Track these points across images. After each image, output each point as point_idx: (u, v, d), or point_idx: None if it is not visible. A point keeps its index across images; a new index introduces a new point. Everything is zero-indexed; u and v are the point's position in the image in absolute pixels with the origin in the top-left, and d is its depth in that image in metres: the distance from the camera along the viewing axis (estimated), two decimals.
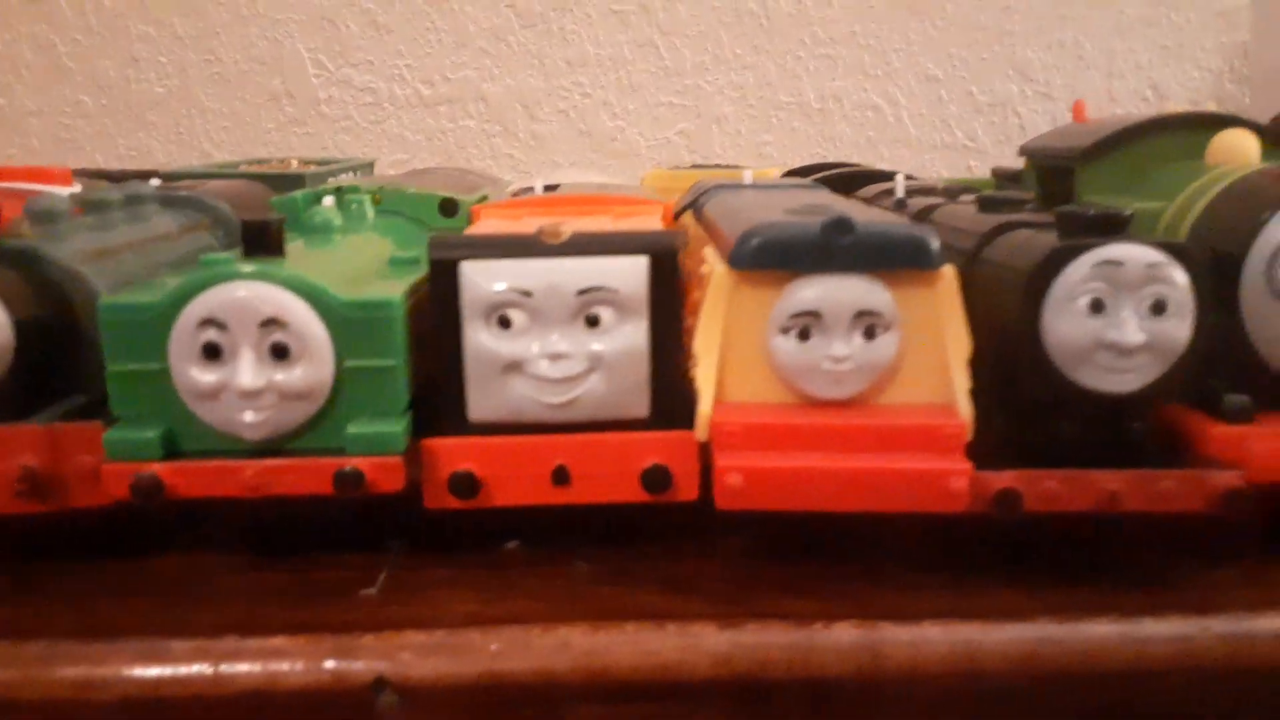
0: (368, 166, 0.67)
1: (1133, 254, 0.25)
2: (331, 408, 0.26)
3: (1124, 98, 1.05)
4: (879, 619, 0.25)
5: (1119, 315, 0.25)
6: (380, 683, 0.23)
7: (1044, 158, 0.40)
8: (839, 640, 0.25)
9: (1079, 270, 0.25)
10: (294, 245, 0.28)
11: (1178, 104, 1.04)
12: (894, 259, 0.26)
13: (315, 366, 0.25)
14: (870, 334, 0.26)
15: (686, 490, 0.27)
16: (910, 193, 0.40)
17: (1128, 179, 0.35)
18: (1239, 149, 0.33)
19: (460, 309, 0.26)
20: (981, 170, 1.04)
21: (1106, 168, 0.36)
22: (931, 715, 0.24)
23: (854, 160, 1.10)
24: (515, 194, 0.42)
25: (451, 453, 0.26)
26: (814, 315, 0.26)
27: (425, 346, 0.27)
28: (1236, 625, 0.25)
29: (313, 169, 0.59)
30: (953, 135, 1.04)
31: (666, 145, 1.04)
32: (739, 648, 0.24)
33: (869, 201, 0.42)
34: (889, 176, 0.53)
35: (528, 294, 0.25)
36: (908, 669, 0.24)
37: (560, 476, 0.26)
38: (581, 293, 0.25)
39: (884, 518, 0.26)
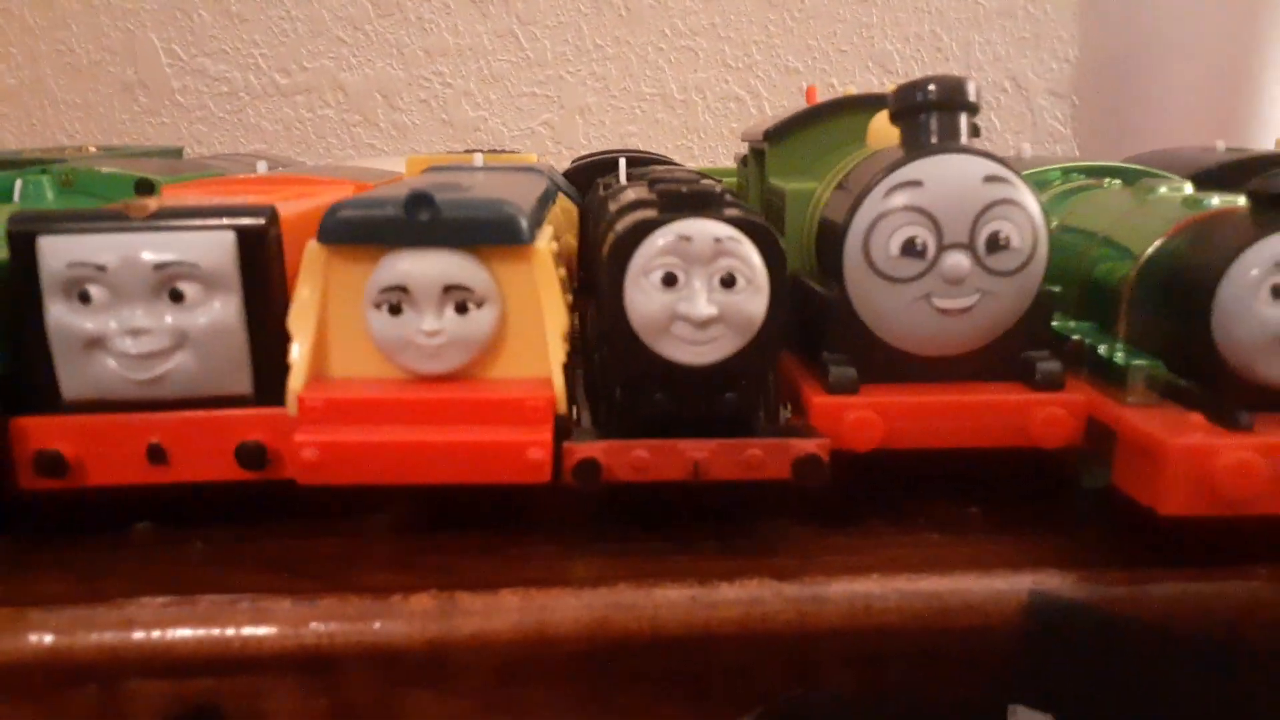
0: (175, 153, 0.66)
1: (702, 229, 0.25)
2: None
3: (984, 89, 1.07)
4: (455, 589, 0.25)
5: (691, 288, 0.26)
6: None
7: (751, 141, 0.41)
8: (414, 609, 0.25)
9: (652, 245, 0.25)
10: None
11: (1032, 94, 1.06)
12: (481, 234, 0.26)
13: None
14: (462, 308, 0.26)
15: (288, 467, 0.27)
16: (632, 177, 0.40)
17: (809, 160, 0.36)
18: (887, 131, 0.34)
19: (40, 284, 0.25)
20: None
21: (790, 149, 0.36)
22: (502, 682, 0.25)
23: (719, 150, 1.11)
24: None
25: (38, 432, 0.26)
26: (403, 290, 0.26)
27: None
28: (805, 589, 0.26)
29: (102, 154, 0.58)
30: None
31: (531, 135, 1.04)
32: (306, 622, 0.24)
33: (607, 186, 0.42)
34: (668, 163, 0.54)
35: (102, 268, 0.25)
36: (479, 637, 0.25)
37: (156, 455, 0.26)
38: (159, 267, 0.25)
39: (505, 492, 0.26)
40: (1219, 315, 0.25)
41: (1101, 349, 0.28)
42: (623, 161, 0.42)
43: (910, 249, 0.27)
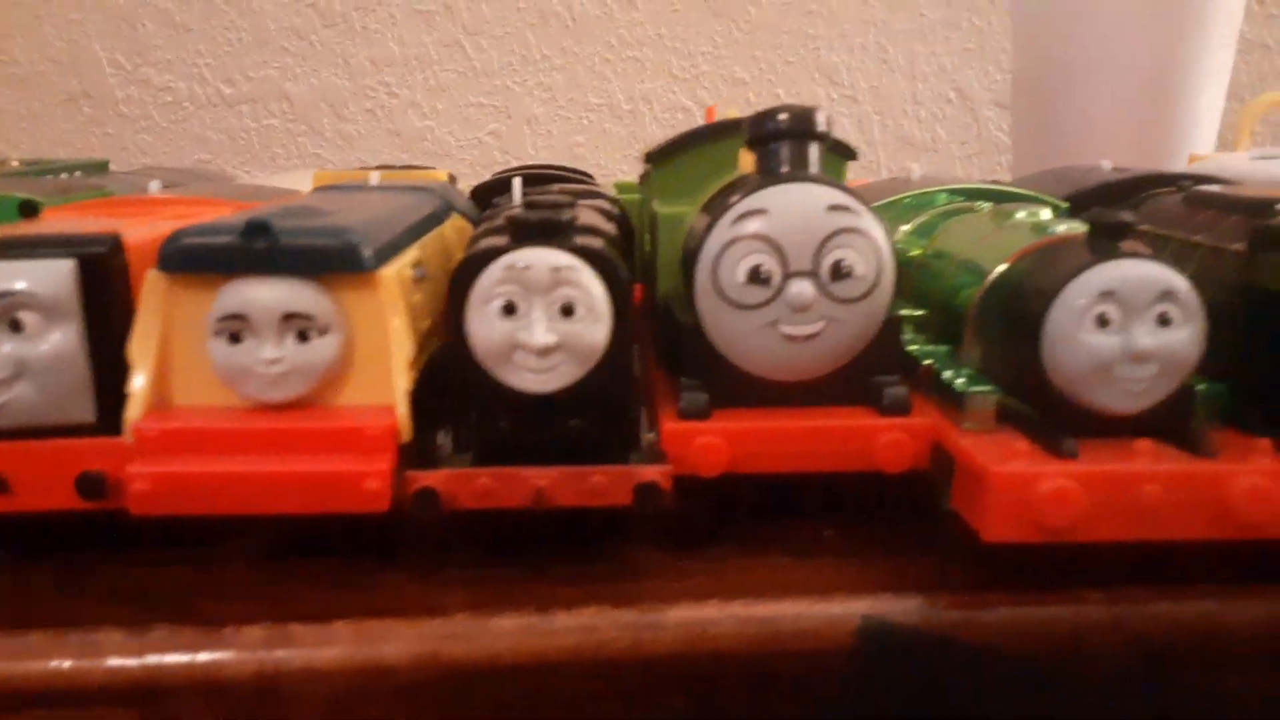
0: (99, 167, 0.65)
1: (540, 258, 0.26)
2: None
3: (928, 100, 1.07)
4: (290, 619, 0.25)
5: (529, 317, 0.26)
6: None
7: (646, 161, 0.41)
8: (244, 640, 0.25)
9: (491, 275, 0.26)
10: None
11: (977, 105, 1.07)
12: (321, 261, 0.26)
13: None
14: (304, 336, 0.26)
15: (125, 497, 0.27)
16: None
17: (691, 182, 0.36)
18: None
19: None
20: None
21: (672, 171, 0.37)
22: (333, 713, 0.25)
23: None
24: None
25: None
26: (242, 318, 0.26)
27: None
28: (641, 616, 0.26)
29: (23, 168, 0.57)
30: None
31: (478, 146, 1.04)
32: (138, 653, 0.24)
33: (495, 207, 0.42)
34: (585, 179, 0.54)
35: None
36: (308, 668, 0.25)
37: None
38: None
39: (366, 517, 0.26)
40: (1047, 342, 0.26)
41: (946, 374, 0.29)
42: (517, 182, 0.42)
43: (756, 276, 0.28)
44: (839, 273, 0.28)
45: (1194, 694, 0.26)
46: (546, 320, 0.26)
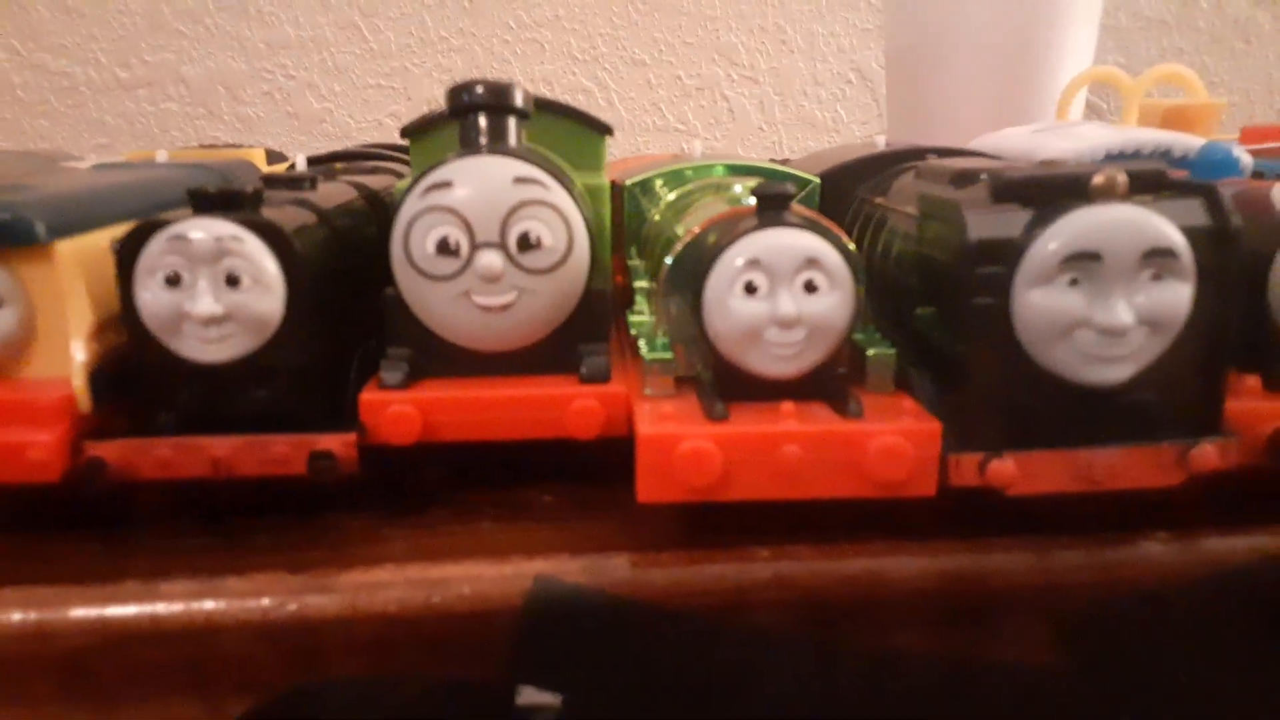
0: None
1: (204, 228, 0.26)
2: None
3: (828, 80, 1.08)
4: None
5: (196, 288, 0.26)
6: None
7: (403, 136, 0.41)
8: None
9: (157, 245, 0.26)
10: None
11: (877, 85, 1.08)
12: None
13: None
14: None
15: None
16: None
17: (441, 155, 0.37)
18: None
19: None
20: (695, 151, 1.06)
21: (427, 147, 0.37)
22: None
23: None
24: None
25: None
26: None
27: None
28: (312, 580, 0.26)
29: None
30: (664, 118, 1.06)
31: (379, 128, 1.03)
32: None
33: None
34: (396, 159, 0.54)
35: None
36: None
37: None
38: None
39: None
40: (705, 309, 0.26)
41: (640, 342, 0.29)
42: (302, 158, 0.42)
43: (445, 248, 0.28)
44: (527, 244, 0.28)
45: (859, 650, 0.27)
46: (212, 291, 0.26)
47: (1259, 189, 0.29)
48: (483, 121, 0.29)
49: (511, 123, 0.30)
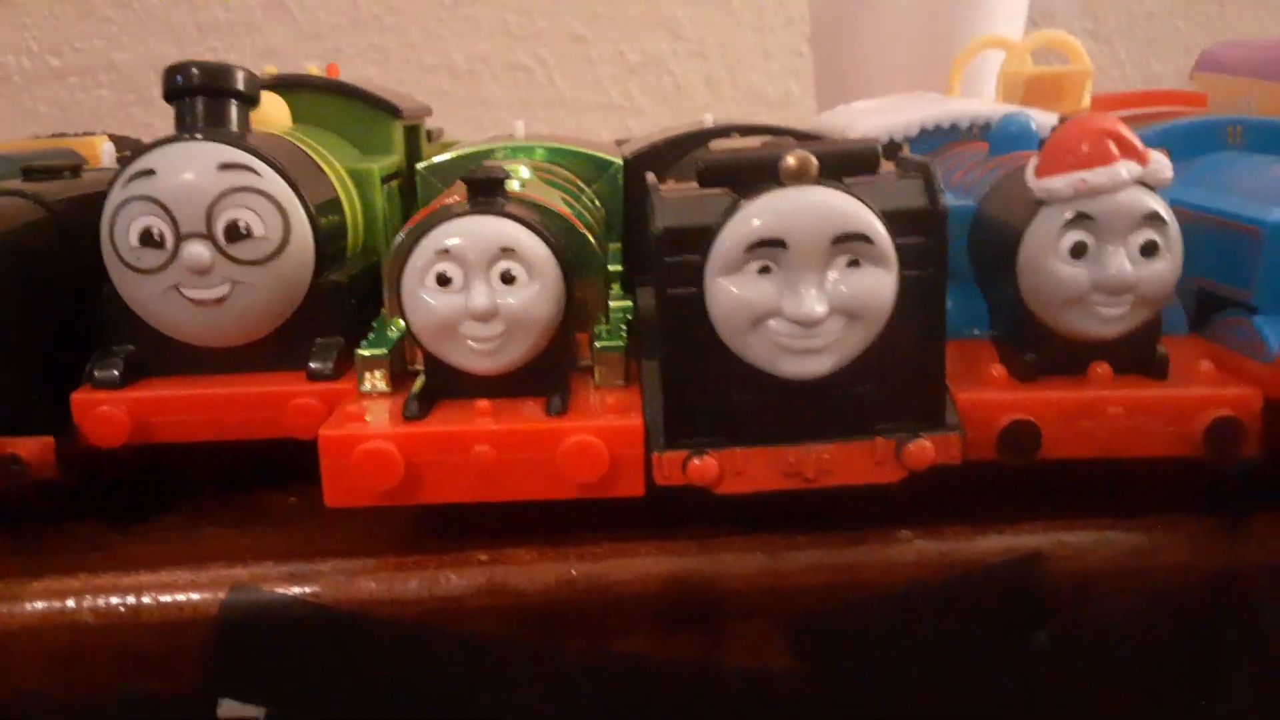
0: None
1: None
2: None
3: (778, 53, 1.05)
4: None
5: None
6: None
7: None
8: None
9: None
10: None
11: None
12: None
13: None
14: None
15: None
16: None
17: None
18: (273, 115, 0.34)
19: None
20: (640, 129, 1.04)
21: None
22: None
23: (508, 121, 1.09)
24: None
25: None
26: None
27: None
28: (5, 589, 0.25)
29: None
30: (606, 95, 1.04)
31: None
32: None
33: None
34: None
35: None
36: None
37: None
38: None
39: None
40: (402, 301, 0.25)
41: (370, 335, 0.28)
42: (109, 146, 0.41)
43: (149, 239, 0.27)
44: (236, 234, 0.27)
45: (583, 657, 0.26)
46: None
47: (1020, 163, 0.27)
48: (200, 106, 0.28)
49: (233, 108, 0.28)
